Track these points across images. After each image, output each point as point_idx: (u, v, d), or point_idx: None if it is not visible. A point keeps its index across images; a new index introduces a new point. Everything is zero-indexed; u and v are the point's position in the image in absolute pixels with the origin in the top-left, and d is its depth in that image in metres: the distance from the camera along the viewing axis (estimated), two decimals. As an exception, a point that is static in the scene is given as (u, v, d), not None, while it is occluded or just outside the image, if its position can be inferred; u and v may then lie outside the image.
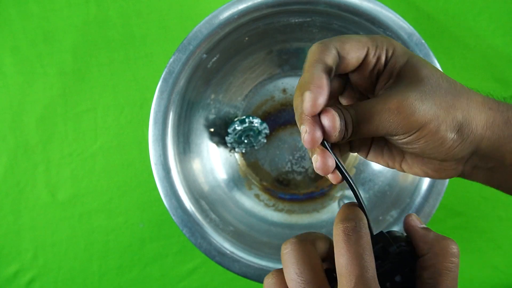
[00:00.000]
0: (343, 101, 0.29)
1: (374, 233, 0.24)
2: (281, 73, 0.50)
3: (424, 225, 0.25)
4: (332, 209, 0.50)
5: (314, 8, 0.42)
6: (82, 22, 0.51)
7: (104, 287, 0.52)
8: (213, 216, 0.44)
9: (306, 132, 0.23)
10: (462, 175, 0.28)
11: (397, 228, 0.43)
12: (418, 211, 0.42)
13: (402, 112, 0.24)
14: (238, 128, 0.48)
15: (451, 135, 0.25)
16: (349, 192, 0.50)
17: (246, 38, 0.45)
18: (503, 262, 0.52)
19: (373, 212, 0.46)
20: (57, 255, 0.52)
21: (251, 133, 0.49)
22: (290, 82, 0.50)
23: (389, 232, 0.24)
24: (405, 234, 0.25)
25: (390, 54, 0.26)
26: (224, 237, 0.43)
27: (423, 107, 0.24)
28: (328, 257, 0.24)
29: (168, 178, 0.43)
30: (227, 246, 0.43)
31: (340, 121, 0.23)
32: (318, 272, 0.22)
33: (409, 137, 0.25)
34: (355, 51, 0.25)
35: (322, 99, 0.23)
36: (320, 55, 0.24)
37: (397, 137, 0.25)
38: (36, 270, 0.52)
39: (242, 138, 0.49)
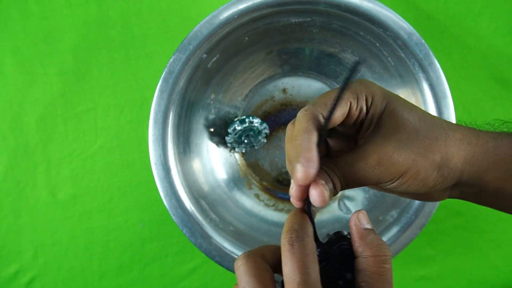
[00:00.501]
0: (329, 141, 0.31)
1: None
2: (281, 73, 0.50)
3: (368, 226, 0.25)
4: (332, 209, 0.50)
5: (314, 8, 0.42)
6: (82, 22, 0.51)
7: (104, 287, 0.52)
8: (213, 216, 0.44)
9: (294, 190, 0.25)
10: (451, 197, 0.29)
11: (396, 228, 0.43)
12: (418, 211, 0.42)
13: (382, 165, 0.25)
14: (238, 128, 0.48)
15: (431, 176, 0.26)
16: (348, 193, 0.50)
17: (246, 38, 0.45)
18: (503, 262, 0.53)
19: (373, 212, 0.46)
20: (57, 255, 0.52)
21: (251, 133, 0.48)
22: (290, 82, 0.50)
23: (337, 233, 0.26)
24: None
25: (369, 102, 0.27)
26: (224, 237, 0.43)
27: (401, 157, 0.25)
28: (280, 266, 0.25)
29: (168, 178, 0.43)
30: (227, 246, 0.43)
31: (327, 188, 0.24)
32: (266, 282, 0.24)
33: (392, 183, 0.26)
34: (339, 110, 0.26)
35: (312, 171, 0.23)
36: (307, 124, 0.25)
37: (382, 184, 0.26)
38: (36, 270, 0.52)
39: (242, 138, 0.49)
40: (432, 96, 0.42)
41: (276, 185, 0.51)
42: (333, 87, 0.50)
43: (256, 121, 0.49)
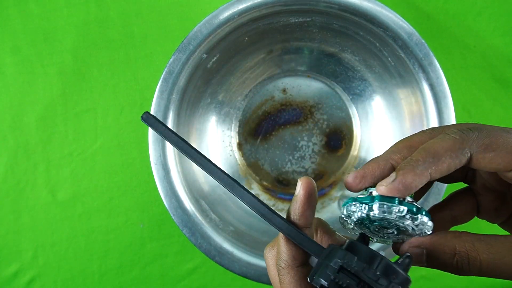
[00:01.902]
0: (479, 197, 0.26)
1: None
2: (281, 73, 0.50)
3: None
4: (332, 209, 0.50)
5: (314, 8, 0.42)
6: (82, 22, 0.51)
7: (104, 287, 0.52)
8: (213, 216, 0.44)
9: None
10: None
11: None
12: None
13: None
14: (374, 214, 0.23)
15: None
16: (348, 192, 0.50)
17: (246, 38, 0.45)
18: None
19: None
20: (57, 255, 0.52)
21: (392, 229, 0.25)
22: (290, 82, 0.50)
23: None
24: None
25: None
26: (224, 237, 0.43)
27: None
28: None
29: (168, 178, 0.43)
30: (227, 246, 0.43)
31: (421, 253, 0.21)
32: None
33: None
34: (498, 160, 0.21)
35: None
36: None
37: None
38: (36, 270, 0.52)
39: (373, 228, 0.26)
40: (432, 96, 0.42)
41: (276, 185, 0.51)
42: (333, 87, 0.50)
43: (411, 221, 0.23)
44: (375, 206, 0.22)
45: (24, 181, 0.51)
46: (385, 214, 0.22)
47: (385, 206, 0.22)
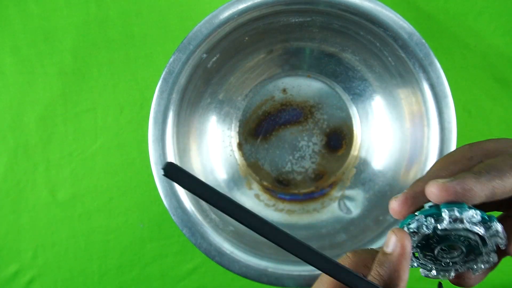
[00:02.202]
0: None
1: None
2: (281, 73, 0.50)
3: None
4: (332, 209, 0.50)
5: (314, 8, 0.42)
6: (82, 22, 0.51)
7: (104, 287, 0.52)
8: (213, 216, 0.44)
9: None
10: None
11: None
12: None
13: None
14: (443, 227, 0.20)
15: None
16: (348, 192, 0.50)
17: (246, 38, 0.45)
18: (503, 262, 0.52)
19: (374, 212, 0.47)
20: (57, 255, 0.52)
21: (459, 250, 0.22)
22: (290, 82, 0.50)
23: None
24: None
25: None
26: (224, 237, 0.43)
27: None
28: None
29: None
30: (227, 246, 0.43)
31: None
32: None
33: None
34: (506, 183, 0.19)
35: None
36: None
37: None
38: (36, 270, 0.52)
39: (437, 252, 0.22)
40: (432, 96, 0.42)
41: (276, 185, 0.51)
42: (333, 87, 0.50)
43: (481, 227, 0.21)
44: (445, 214, 0.19)
45: (24, 181, 0.51)
46: (457, 223, 0.19)
47: (456, 210, 0.19)
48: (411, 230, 0.20)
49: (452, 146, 0.42)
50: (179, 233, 0.51)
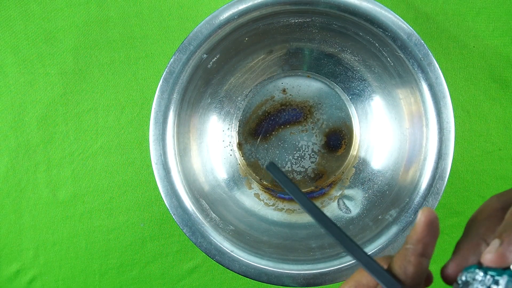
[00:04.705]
0: None
1: None
2: (281, 73, 0.50)
3: None
4: (332, 209, 0.50)
5: (314, 8, 0.42)
6: (83, 23, 0.51)
7: (104, 286, 0.52)
8: (213, 215, 0.45)
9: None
10: None
11: (395, 228, 0.43)
12: (417, 211, 0.42)
13: None
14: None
15: None
16: (348, 192, 0.50)
17: (246, 39, 0.46)
18: None
19: (372, 211, 0.47)
20: (58, 254, 0.52)
21: None
22: (290, 82, 0.50)
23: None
24: None
25: None
26: (224, 236, 0.43)
27: None
28: None
29: (168, 177, 0.43)
30: (227, 245, 0.43)
31: None
32: None
33: None
34: None
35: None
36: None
37: None
38: (37, 269, 0.52)
39: None
40: (431, 96, 0.42)
41: (276, 184, 0.51)
42: (333, 87, 0.50)
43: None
44: (502, 280, 0.19)
45: (25, 181, 0.51)
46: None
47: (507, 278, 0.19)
48: (469, 279, 0.21)
49: (451, 146, 0.42)
50: (180, 232, 0.51)
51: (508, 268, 0.20)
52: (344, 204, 0.49)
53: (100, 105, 0.51)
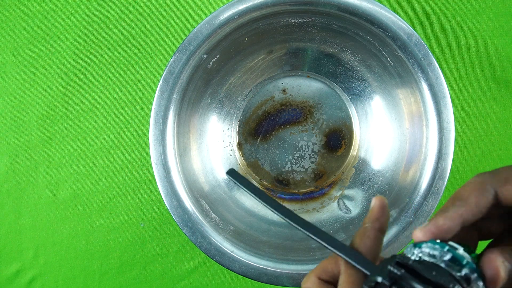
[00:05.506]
0: None
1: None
2: (281, 73, 0.50)
3: None
4: (331, 209, 0.50)
5: (313, 8, 0.42)
6: (83, 22, 0.51)
7: (104, 286, 0.52)
8: (213, 215, 0.45)
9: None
10: None
11: (395, 228, 0.43)
12: (417, 211, 0.42)
13: None
14: (424, 257, 0.23)
15: None
16: (348, 192, 0.50)
17: (246, 39, 0.46)
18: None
19: (373, 211, 0.47)
20: (58, 254, 0.52)
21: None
22: (290, 82, 0.50)
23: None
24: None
25: None
26: (224, 237, 0.43)
27: None
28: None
29: (168, 177, 0.43)
30: (227, 245, 0.43)
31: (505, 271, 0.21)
32: None
33: None
34: (477, 199, 0.22)
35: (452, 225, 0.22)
36: (473, 197, 0.22)
37: None
38: (37, 269, 0.52)
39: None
40: (431, 96, 0.42)
41: (276, 184, 0.51)
42: (333, 87, 0.50)
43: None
44: (426, 246, 0.22)
45: (25, 181, 0.51)
46: (432, 258, 0.22)
47: (436, 247, 0.22)
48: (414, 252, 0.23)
49: (451, 145, 0.42)
50: (180, 233, 0.51)
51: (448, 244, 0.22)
52: (344, 204, 0.49)
53: (100, 105, 0.51)
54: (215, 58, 0.45)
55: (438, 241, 0.22)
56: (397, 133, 0.47)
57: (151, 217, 0.52)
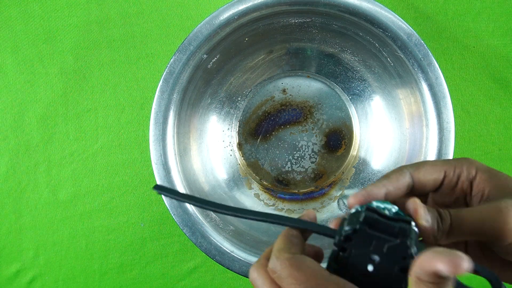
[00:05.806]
0: None
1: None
2: (281, 73, 0.50)
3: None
4: (331, 209, 0.50)
5: (313, 8, 0.42)
6: (83, 22, 0.51)
7: (105, 286, 0.52)
8: (213, 215, 0.45)
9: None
10: None
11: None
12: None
13: (499, 220, 0.25)
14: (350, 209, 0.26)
15: None
16: (348, 192, 0.50)
17: (246, 39, 0.46)
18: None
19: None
20: (58, 254, 0.52)
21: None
22: (290, 82, 0.50)
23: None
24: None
25: (473, 173, 0.27)
26: (224, 237, 0.43)
27: None
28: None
29: (168, 177, 0.43)
30: (227, 245, 0.43)
31: (432, 217, 0.26)
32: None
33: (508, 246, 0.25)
34: (430, 173, 0.28)
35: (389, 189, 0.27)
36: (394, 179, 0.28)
37: (496, 246, 0.26)
38: (37, 269, 0.52)
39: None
40: (431, 96, 0.42)
41: (276, 184, 0.51)
42: (333, 87, 0.50)
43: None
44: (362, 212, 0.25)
45: (25, 181, 0.52)
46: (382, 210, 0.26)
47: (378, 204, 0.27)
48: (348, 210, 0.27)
49: (451, 146, 0.42)
50: (180, 233, 0.51)
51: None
52: (344, 204, 0.49)
53: (100, 105, 0.51)
54: (215, 58, 0.45)
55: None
56: (397, 133, 0.47)
57: (151, 217, 0.52)
